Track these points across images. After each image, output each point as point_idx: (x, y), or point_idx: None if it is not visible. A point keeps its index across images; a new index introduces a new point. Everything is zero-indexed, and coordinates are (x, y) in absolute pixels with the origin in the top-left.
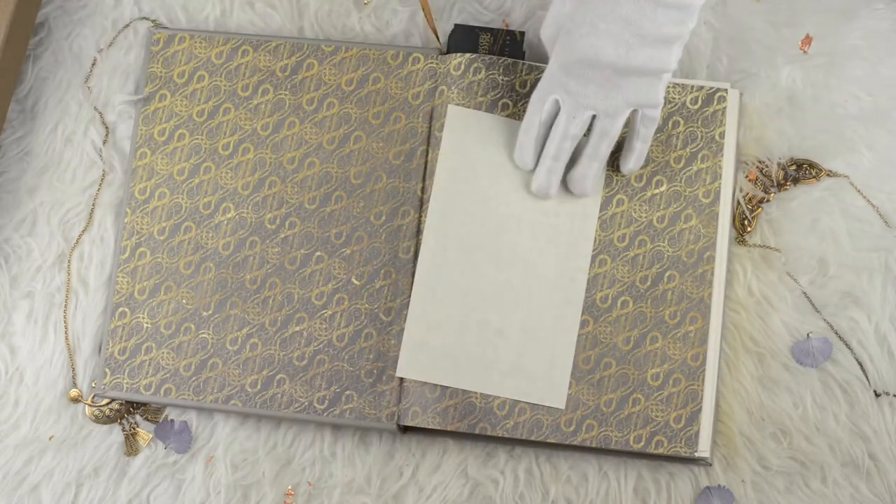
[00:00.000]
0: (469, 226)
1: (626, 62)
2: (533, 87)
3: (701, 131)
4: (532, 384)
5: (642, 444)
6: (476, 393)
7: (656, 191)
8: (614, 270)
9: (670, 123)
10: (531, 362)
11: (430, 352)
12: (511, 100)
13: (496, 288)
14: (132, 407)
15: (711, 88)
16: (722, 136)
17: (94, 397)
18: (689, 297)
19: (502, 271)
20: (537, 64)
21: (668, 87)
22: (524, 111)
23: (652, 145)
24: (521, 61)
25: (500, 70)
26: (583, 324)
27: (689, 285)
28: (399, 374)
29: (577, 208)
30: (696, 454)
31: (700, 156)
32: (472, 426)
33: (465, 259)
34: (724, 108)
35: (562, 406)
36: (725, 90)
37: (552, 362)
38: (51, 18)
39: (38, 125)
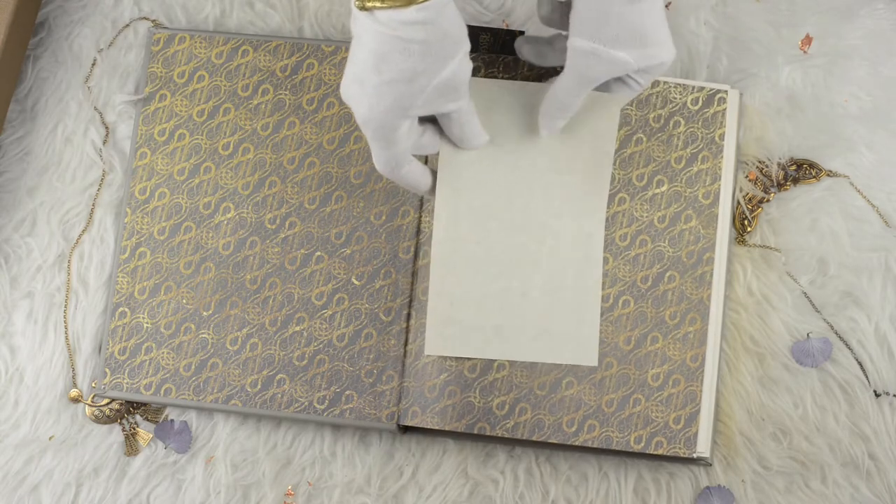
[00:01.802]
0: (479, 193)
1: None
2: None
3: (701, 132)
4: (562, 345)
5: (642, 444)
6: (474, 392)
7: (657, 190)
8: (616, 269)
9: (671, 123)
10: (558, 323)
11: (456, 326)
12: None
13: (514, 253)
14: (132, 407)
15: (712, 90)
16: (722, 137)
17: (94, 397)
18: (688, 298)
19: (518, 235)
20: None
21: (671, 86)
22: None
23: (653, 144)
24: (521, 59)
25: (500, 68)
26: None
27: (689, 286)
28: (427, 352)
29: (589, 165)
30: (695, 455)
31: (700, 157)
32: (470, 426)
33: (479, 228)
34: (725, 109)
35: (594, 363)
36: (726, 92)
37: (579, 320)
38: (51, 18)
39: (38, 125)
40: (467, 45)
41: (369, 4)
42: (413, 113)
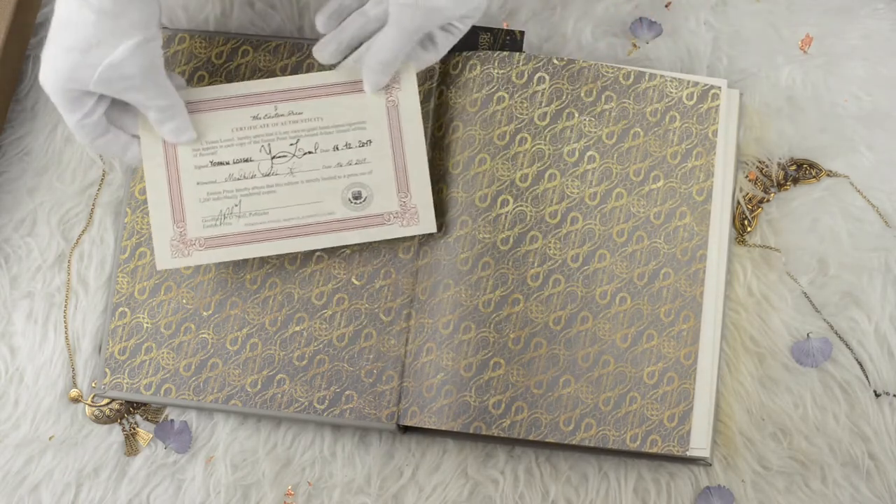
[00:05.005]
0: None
1: None
2: (530, 77)
3: (696, 128)
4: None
5: (638, 443)
6: (470, 392)
7: (653, 186)
8: (613, 266)
9: (667, 118)
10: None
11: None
12: (507, 92)
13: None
14: (132, 407)
15: (706, 85)
16: (715, 133)
17: (94, 397)
18: (682, 296)
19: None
20: (533, 54)
21: (667, 80)
22: (521, 104)
23: (650, 139)
24: (516, 53)
25: (496, 64)
26: (582, 320)
27: (683, 283)
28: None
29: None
30: (688, 453)
31: (694, 153)
32: (466, 425)
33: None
34: (717, 105)
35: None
36: (719, 88)
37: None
38: (51, 18)
39: (38, 125)
40: (150, 34)
41: None
42: (91, 89)
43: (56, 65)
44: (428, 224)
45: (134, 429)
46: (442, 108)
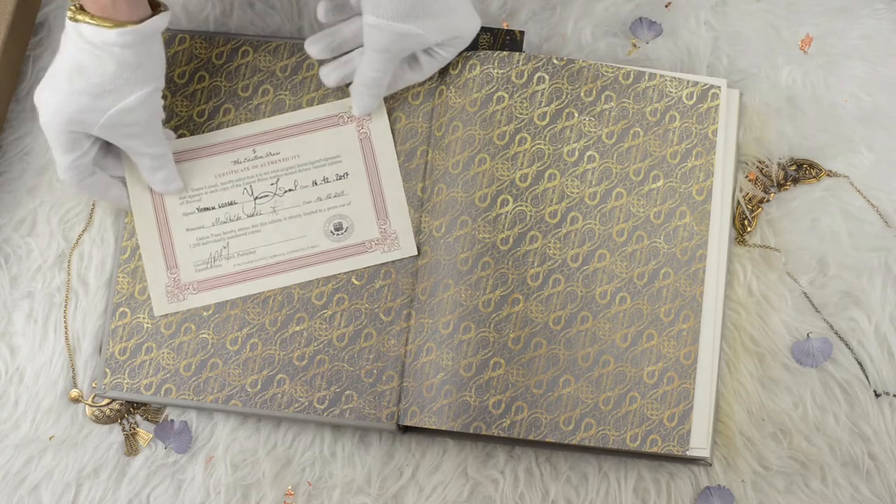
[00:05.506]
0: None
1: None
2: (530, 77)
3: (695, 128)
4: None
5: (638, 442)
6: (470, 392)
7: (653, 185)
8: (613, 266)
9: (667, 118)
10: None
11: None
12: (507, 92)
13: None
14: (132, 407)
15: (706, 85)
16: (714, 133)
17: (94, 397)
18: (682, 295)
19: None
20: (533, 54)
21: (667, 80)
22: (521, 103)
23: (650, 138)
24: (515, 52)
25: (495, 64)
26: (582, 320)
27: (683, 283)
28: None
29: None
30: (688, 453)
31: (694, 152)
32: (466, 425)
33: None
34: (717, 105)
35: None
36: (719, 87)
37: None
38: (51, 18)
39: (37, 125)
40: (160, 84)
41: (80, 17)
42: (94, 132)
43: (62, 105)
44: (408, 248)
45: (134, 429)
46: (442, 108)
